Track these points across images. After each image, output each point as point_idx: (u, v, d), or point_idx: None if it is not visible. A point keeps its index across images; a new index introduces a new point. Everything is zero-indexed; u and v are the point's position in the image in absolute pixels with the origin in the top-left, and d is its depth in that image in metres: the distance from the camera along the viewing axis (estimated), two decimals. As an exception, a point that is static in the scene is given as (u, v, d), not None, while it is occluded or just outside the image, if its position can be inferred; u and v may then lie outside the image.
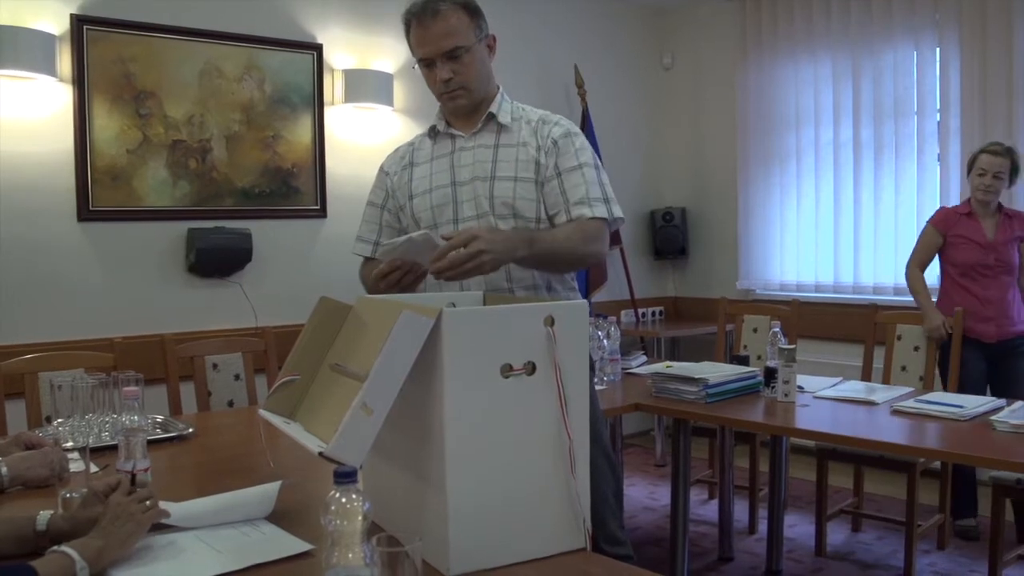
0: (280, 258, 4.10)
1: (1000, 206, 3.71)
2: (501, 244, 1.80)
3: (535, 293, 2.07)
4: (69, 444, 2.08)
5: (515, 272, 2.05)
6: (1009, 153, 3.66)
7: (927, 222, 3.85)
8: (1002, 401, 2.72)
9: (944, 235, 3.75)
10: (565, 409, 1.38)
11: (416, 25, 2.05)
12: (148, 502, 1.41)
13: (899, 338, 3.66)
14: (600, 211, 2.04)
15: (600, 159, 2.21)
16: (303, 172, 4.16)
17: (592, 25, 5.45)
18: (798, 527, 3.89)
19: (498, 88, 2.18)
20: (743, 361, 3.24)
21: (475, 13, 2.06)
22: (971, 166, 3.71)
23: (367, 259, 2.27)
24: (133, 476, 1.50)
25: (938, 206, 4.51)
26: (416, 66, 2.12)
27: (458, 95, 2.08)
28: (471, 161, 2.11)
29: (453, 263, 1.73)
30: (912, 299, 3.84)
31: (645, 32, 5.80)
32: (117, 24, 3.61)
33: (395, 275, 1.90)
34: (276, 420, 1.49)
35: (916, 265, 3.84)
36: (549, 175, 2.08)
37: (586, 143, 2.14)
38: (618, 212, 2.09)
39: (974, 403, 2.66)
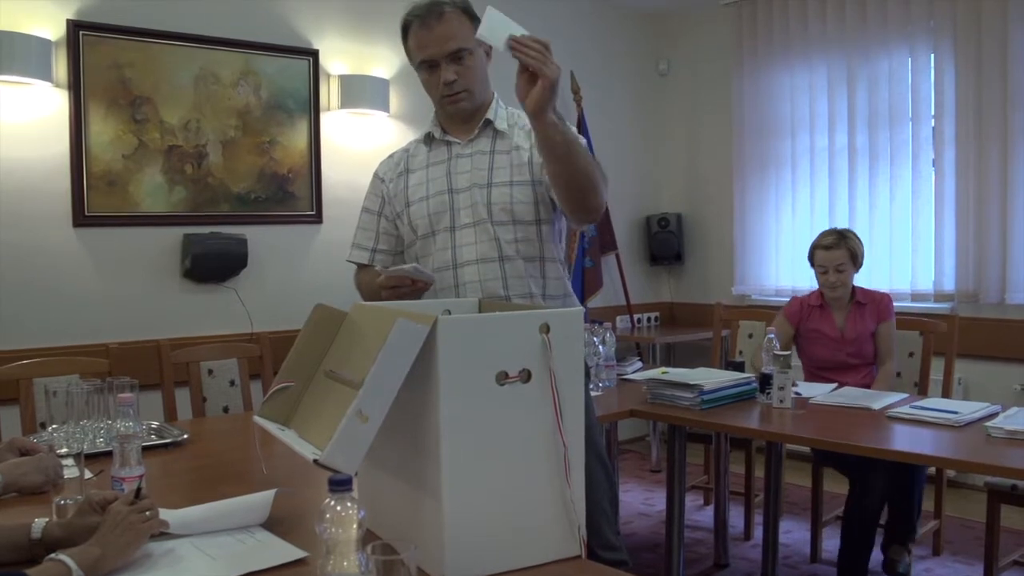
0: (276, 264, 4.10)
1: (853, 293, 3.50)
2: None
3: (531, 301, 2.07)
4: (64, 450, 2.08)
5: (512, 280, 2.06)
6: (843, 241, 3.44)
7: (780, 313, 3.64)
8: (997, 407, 2.72)
9: (796, 327, 3.54)
10: (560, 416, 1.38)
11: (419, 27, 2.04)
12: (148, 513, 1.41)
13: (894, 343, 3.66)
14: None
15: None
16: (299, 178, 4.16)
17: (588, 31, 5.46)
18: (794, 533, 3.89)
19: (493, 94, 2.18)
20: (738, 367, 3.24)
21: (475, 18, 2.07)
22: (811, 262, 3.53)
23: (363, 266, 2.27)
24: (138, 488, 1.49)
25: (932, 212, 4.55)
26: (418, 68, 2.11)
27: (461, 98, 2.08)
28: (468, 168, 2.11)
29: (537, 47, 1.76)
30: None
31: (641, 38, 5.81)
32: (113, 29, 3.61)
33: (404, 289, 1.94)
34: (271, 427, 1.48)
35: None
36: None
37: (580, 136, 2.14)
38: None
39: (969, 409, 2.67)
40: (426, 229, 2.13)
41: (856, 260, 3.46)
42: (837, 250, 3.43)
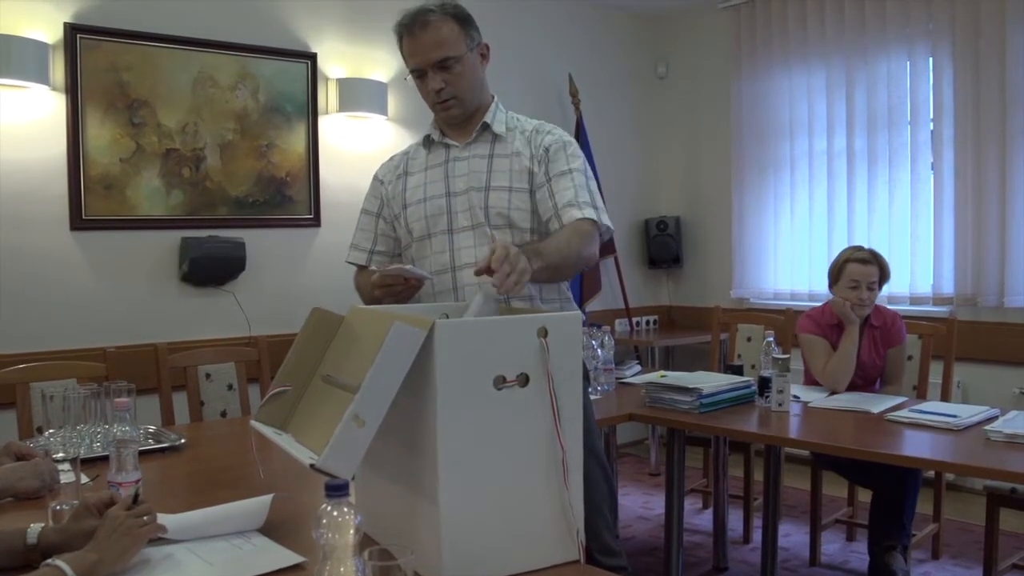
0: (274, 267, 4.09)
1: (868, 315, 3.32)
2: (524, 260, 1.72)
3: (530, 304, 2.07)
4: (60, 455, 2.07)
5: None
6: (876, 259, 3.29)
7: (804, 333, 3.34)
8: (996, 410, 2.72)
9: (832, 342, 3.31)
10: (558, 420, 1.38)
11: (407, 36, 2.06)
12: (146, 517, 1.40)
13: (893, 347, 3.65)
14: (589, 213, 2.04)
15: (594, 168, 2.22)
16: (297, 181, 4.15)
17: (586, 34, 5.46)
18: (793, 536, 3.89)
19: (493, 97, 2.18)
20: (737, 370, 3.24)
21: (466, 22, 2.07)
22: (837, 275, 3.29)
23: (362, 267, 2.27)
24: (136, 493, 1.49)
25: (931, 215, 4.55)
26: (408, 77, 2.12)
27: (450, 105, 2.09)
28: (466, 171, 2.11)
29: (506, 284, 1.65)
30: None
31: (639, 41, 5.81)
32: (110, 33, 3.60)
33: (398, 287, 1.92)
34: (268, 431, 1.48)
35: (821, 364, 3.26)
36: (540, 182, 2.09)
37: (579, 152, 2.14)
38: (606, 220, 2.09)
39: (968, 412, 2.66)
40: (422, 231, 2.13)
41: (883, 281, 3.33)
42: (872, 265, 3.26)
